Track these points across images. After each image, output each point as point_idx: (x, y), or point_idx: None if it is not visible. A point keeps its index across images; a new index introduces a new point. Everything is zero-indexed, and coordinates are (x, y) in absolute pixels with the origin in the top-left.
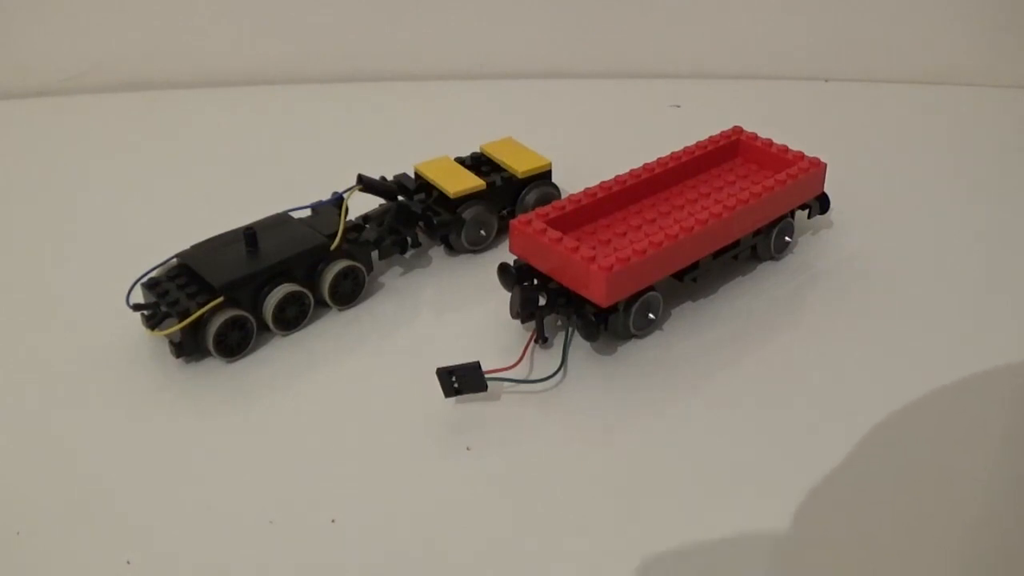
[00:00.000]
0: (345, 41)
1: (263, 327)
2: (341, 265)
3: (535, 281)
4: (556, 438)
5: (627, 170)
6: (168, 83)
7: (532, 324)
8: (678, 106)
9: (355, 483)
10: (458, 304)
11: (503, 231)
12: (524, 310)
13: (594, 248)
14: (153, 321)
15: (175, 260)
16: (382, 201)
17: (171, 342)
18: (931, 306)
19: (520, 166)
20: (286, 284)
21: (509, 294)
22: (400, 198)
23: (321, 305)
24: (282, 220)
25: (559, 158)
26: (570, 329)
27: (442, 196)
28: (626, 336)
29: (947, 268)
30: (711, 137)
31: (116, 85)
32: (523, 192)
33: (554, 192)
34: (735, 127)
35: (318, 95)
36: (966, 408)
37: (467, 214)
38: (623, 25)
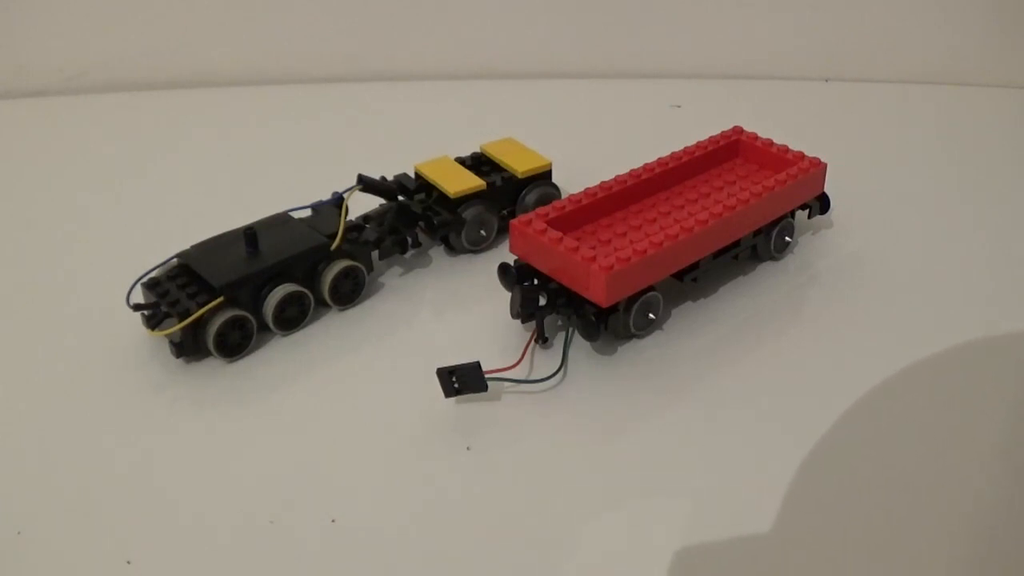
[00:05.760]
0: (345, 41)
1: (263, 327)
2: (341, 265)
3: (535, 281)
4: (556, 438)
5: (627, 170)
6: (168, 83)
7: (532, 324)
8: (678, 106)
9: (355, 483)
10: (458, 304)
11: (503, 231)
12: (524, 310)
13: (594, 248)
14: (153, 321)
15: (175, 260)
16: (382, 201)
17: (171, 342)
18: (932, 306)
19: (520, 166)
20: (286, 284)
21: (509, 294)
22: (400, 198)
23: (321, 305)
24: (282, 220)
25: (559, 158)
26: (570, 329)
27: (442, 196)
28: (626, 336)
29: (948, 268)
30: (711, 137)
31: (116, 85)
32: (523, 192)
33: (554, 192)
34: (735, 127)
35: (318, 95)
36: (968, 408)
37: (467, 214)
38: (623, 25)
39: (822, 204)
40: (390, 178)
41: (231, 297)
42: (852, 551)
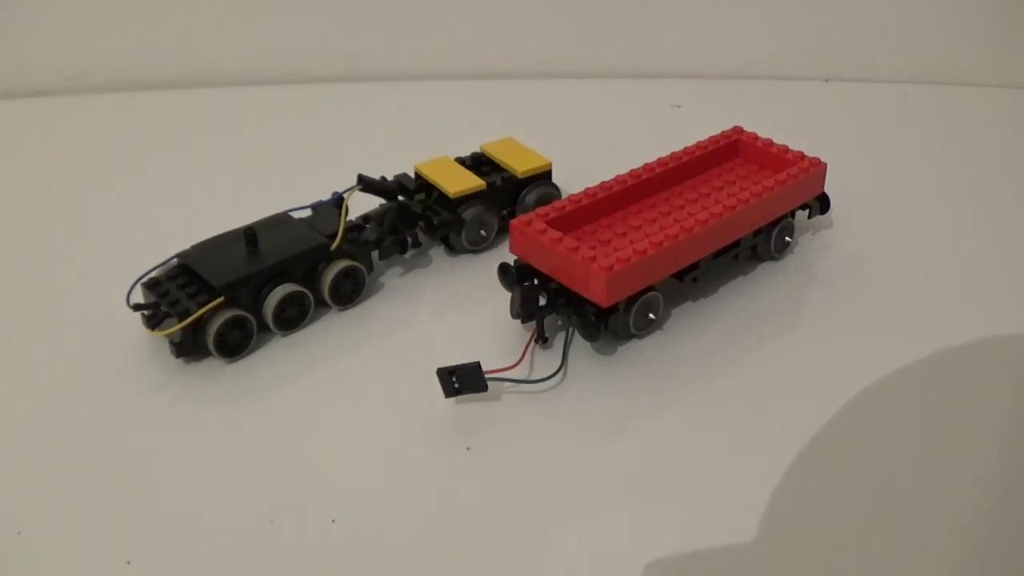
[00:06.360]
0: (345, 41)
1: (263, 327)
2: (341, 265)
3: (535, 281)
4: (556, 438)
5: (627, 170)
6: (168, 83)
7: (532, 324)
8: (678, 106)
9: (355, 483)
10: (458, 304)
11: (503, 231)
12: (524, 310)
13: (594, 248)
14: (153, 321)
15: (175, 260)
16: (382, 201)
17: (171, 342)
18: (931, 306)
19: (520, 166)
20: (286, 284)
21: (509, 294)
22: (400, 198)
23: (321, 305)
24: (282, 220)
25: (559, 158)
26: (570, 329)
27: (442, 196)
28: (626, 336)
29: (948, 268)
30: (711, 137)
31: (116, 85)
32: (523, 192)
33: (554, 192)
34: (735, 127)
35: (318, 95)
36: (968, 408)
37: (467, 214)
38: (623, 25)
39: (822, 204)
40: (390, 178)
41: (231, 297)
42: (853, 550)
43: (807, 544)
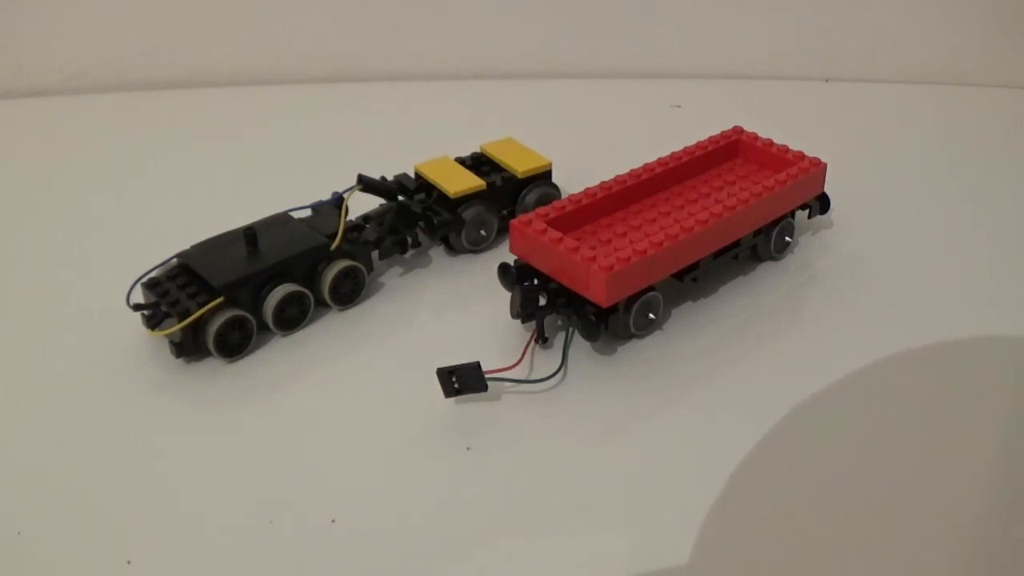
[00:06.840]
0: (345, 41)
1: (263, 327)
2: (341, 265)
3: (535, 281)
4: (556, 438)
5: (627, 170)
6: (168, 83)
7: (532, 324)
8: (678, 106)
9: (355, 483)
10: (458, 304)
11: (503, 231)
12: (524, 310)
13: (594, 248)
14: (153, 321)
15: (175, 260)
16: (382, 201)
17: (171, 342)
18: (932, 306)
19: (520, 166)
20: (286, 284)
21: (509, 294)
22: (400, 198)
23: (321, 305)
24: (282, 220)
25: (559, 158)
26: (570, 329)
27: (442, 196)
28: (626, 336)
29: (948, 268)
30: (711, 137)
31: (116, 85)
32: (523, 192)
33: (554, 192)
34: (735, 127)
35: (318, 95)
36: (968, 408)
37: (467, 214)
38: (623, 25)
39: (822, 204)
40: (390, 178)
41: (231, 297)
42: (854, 548)
43: (808, 542)
